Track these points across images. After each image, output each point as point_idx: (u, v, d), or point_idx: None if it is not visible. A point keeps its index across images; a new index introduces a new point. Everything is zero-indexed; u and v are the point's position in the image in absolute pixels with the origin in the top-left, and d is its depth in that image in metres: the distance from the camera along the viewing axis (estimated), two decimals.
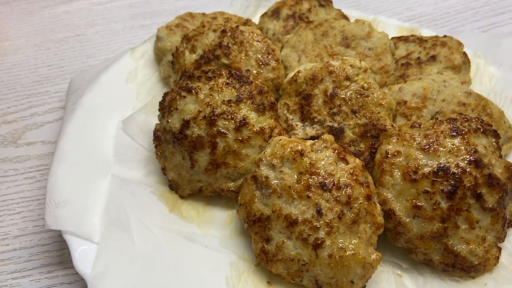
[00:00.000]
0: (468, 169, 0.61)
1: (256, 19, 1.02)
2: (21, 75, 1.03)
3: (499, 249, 0.64)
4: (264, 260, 0.64)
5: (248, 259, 0.67)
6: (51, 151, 0.87)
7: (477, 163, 0.61)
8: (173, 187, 0.75)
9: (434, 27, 1.14)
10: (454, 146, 0.62)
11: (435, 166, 0.62)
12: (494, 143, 0.64)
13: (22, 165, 0.84)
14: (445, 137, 0.63)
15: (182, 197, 0.75)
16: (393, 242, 0.64)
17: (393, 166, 0.64)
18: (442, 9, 1.19)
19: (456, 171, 0.61)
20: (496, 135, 0.65)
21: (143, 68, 0.92)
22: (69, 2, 1.26)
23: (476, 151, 0.61)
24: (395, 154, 0.65)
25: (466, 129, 0.63)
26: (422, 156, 0.63)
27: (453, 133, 0.63)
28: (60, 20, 1.20)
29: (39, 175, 0.83)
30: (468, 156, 0.61)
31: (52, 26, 1.18)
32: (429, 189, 0.62)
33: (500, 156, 0.65)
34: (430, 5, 1.21)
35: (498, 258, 0.63)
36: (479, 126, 0.65)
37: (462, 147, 0.62)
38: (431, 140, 0.63)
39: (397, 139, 0.65)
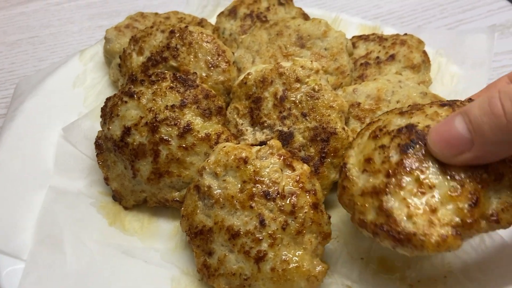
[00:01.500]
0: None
1: (214, 19, 0.98)
2: None
3: (458, 235, 0.48)
4: (206, 274, 0.60)
5: (191, 274, 0.63)
6: None
7: None
8: (117, 197, 0.71)
9: (401, 24, 1.11)
10: (436, 113, 0.54)
11: (403, 124, 0.54)
12: None
13: None
14: (431, 106, 0.56)
15: (126, 208, 0.71)
16: (339, 199, 0.58)
17: (368, 129, 0.58)
18: (409, 6, 1.17)
19: (421, 130, 0.52)
20: None
21: (93, 71, 0.88)
22: (26, 3, 1.21)
23: None
24: (376, 120, 0.59)
25: (459, 105, 0.55)
26: (396, 118, 0.56)
27: (443, 104, 0.55)
28: (15, 22, 1.15)
29: None
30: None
31: (5, 28, 1.13)
32: (386, 144, 0.54)
33: None
34: (398, 2, 1.18)
35: (445, 240, 0.48)
36: None
37: (443, 114, 0.54)
38: (414, 107, 0.58)
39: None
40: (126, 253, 0.63)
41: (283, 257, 0.57)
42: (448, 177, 0.49)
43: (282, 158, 0.61)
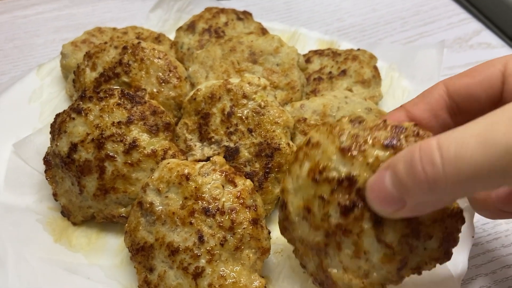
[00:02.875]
0: None
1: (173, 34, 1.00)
2: None
3: None
4: None
5: None
6: None
7: None
8: (65, 213, 0.71)
9: (362, 37, 1.13)
10: (376, 160, 0.48)
11: (343, 173, 0.50)
12: None
13: None
14: (373, 145, 0.49)
15: (74, 224, 0.71)
16: (281, 233, 0.59)
17: (306, 157, 0.54)
18: (371, 19, 1.19)
19: (362, 188, 0.49)
20: None
21: (50, 85, 0.88)
22: None
23: None
24: (314, 144, 0.53)
25: (406, 145, 0.49)
26: (336, 157, 0.51)
27: (386, 144, 0.49)
28: None
29: None
30: None
31: None
32: (326, 197, 0.51)
33: None
34: (360, 16, 1.20)
35: None
36: None
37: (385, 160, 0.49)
38: (356, 143, 0.50)
39: (326, 129, 0.54)
40: (69, 270, 0.64)
41: (221, 273, 0.58)
42: (383, 244, 0.50)
43: (224, 174, 0.62)
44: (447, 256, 0.52)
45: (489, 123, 0.39)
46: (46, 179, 0.71)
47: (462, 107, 0.54)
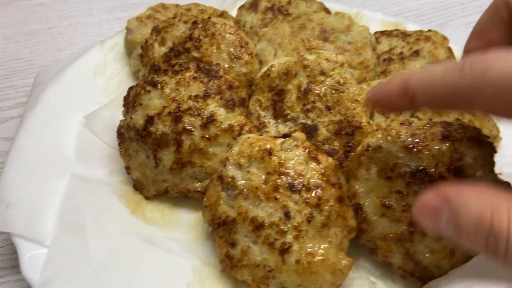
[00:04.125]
0: (446, 176, 0.56)
1: (234, 12, 0.98)
2: None
3: None
4: (228, 265, 0.59)
5: (213, 265, 0.62)
6: None
7: (457, 172, 0.57)
8: (138, 187, 0.71)
9: (421, 22, 1.10)
10: (439, 151, 0.57)
11: (414, 167, 0.57)
12: (488, 157, 0.59)
13: None
14: (432, 139, 0.58)
15: (147, 198, 0.71)
16: (356, 238, 0.60)
17: (371, 161, 0.60)
18: (430, 4, 1.16)
19: (434, 175, 0.57)
20: (492, 148, 0.59)
21: (113, 61, 0.88)
22: None
23: (461, 159, 0.57)
24: (376, 148, 0.60)
25: (459, 136, 0.58)
26: (403, 155, 0.58)
27: (443, 137, 0.58)
28: (33, 12, 1.15)
29: None
30: (450, 163, 0.57)
31: (24, 18, 1.13)
32: (403, 190, 0.57)
33: (491, 171, 0.58)
34: (418, 0, 1.17)
35: None
36: (474, 136, 0.59)
37: (447, 154, 0.57)
38: (416, 140, 0.58)
39: (382, 133, 0.61)
40: (148, 242, 0.63)
41: (308, 249, 0.56)
42: None
43: (307, 150, 0.61)
44: None
45: None
46: (120, 152, 0.70)
47: None
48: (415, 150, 0.58)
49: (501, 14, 0.47)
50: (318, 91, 0.69)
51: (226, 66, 0.75)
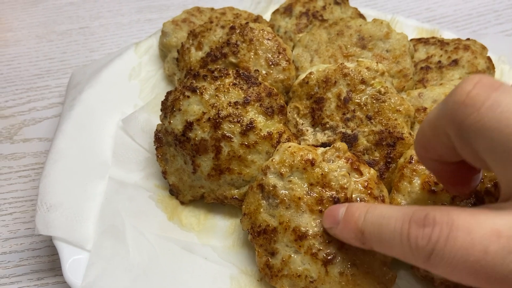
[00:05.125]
0: (492, 191, 0.55)
1: (267, 16, 0.97)
2: (21, 68, 0.99)
3: None
4: (268, 275, 0.59)
5: (250, 273, 0.62)
6: (48, 149, 0.82)
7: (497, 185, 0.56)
8: (174, 192, 0.71)
9: (455, 29, 1.08)
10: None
11: None
12: None
13: (17, 163, 0.80)
14: None
15: (182, 203, 0.71)
16: None
17: (415, 173, 0.59)
18: (463, 11, 1.13)
19: (479, 190, 0.56)
20: None
21: (147, 64, 0.88)
22: None
23: None
24: (419, 161, 0.59)
25: None
26: None
27: None
28: (64, 11, 1.16)
29: (34, 174, 0.79)
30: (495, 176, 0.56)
31: (55, 18, 1.14)
32: (447, 204, 0.56)
33: None
34: (451, 6, 1.15)
35: None
36: None
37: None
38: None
39: None
40: (185, 248, 0.63)
41: (353, 261, 0.56)
42: None
43: (349, 161, 0.60)
44: None
45: None
46: (157, 156, 0.70)
47: None
48: None
49: (442, 138, 0.44)
50: (358, 100, 0.68)
51: (264, 72, 0.74)
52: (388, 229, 0.44)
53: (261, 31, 0.76)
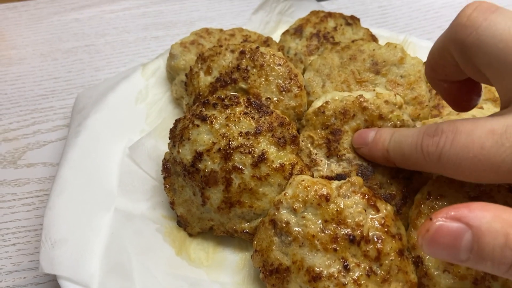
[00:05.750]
0: None
1: (276, 36, 0.96)
2: (25, 88, 0.98)
3: None
4: None
5: None
6: (52, 175, 0.80)
7: None
8: (182, 223, 0.69)
9: None
10: (506, 204, 0.53)
11: None
12: None
13: (21, 189, 0.78)
14: (499, 191, 0.55)
15: (190, 235, 0.68)
16: None
17: (432, 210, 0.57)
18: None
19: None
20: None
21: (154, 86, 0.86)
22: (80, 9, 1.20)
23: None
24: (438, 197, 0.57)
25: None
26: None
27: (510, 189, 0.55)
28: (69, 28, 1.14)
29: (38, 201, 0.77)
30: None
31: (60, 35, 1.12)
32: None
33: None
34: None
35: None
36: None
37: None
38: (482, 190, 0.55)
39: (444, 181, 0.58)
40: (195, 285, 0.61)
41: None
42: None
43: (365, 197, 0.58)
44: None
45: None
46: (165, 186, 0.68)
47: None
48: (482, 201, 0.55)
49: (447, 58, 0.53)
50: None
51: (275, 99, 0.72)
52: (406, 144, 0.53)
53: (272, 56, 0.74)
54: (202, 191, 0.65)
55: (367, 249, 0.55)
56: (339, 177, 0.65)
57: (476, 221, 0.39)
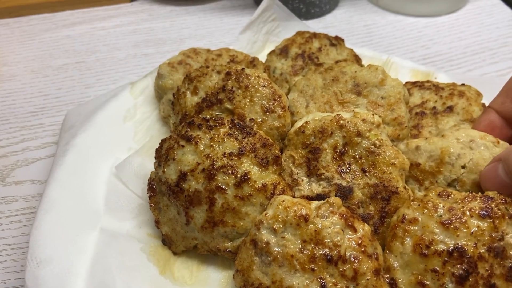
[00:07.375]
0: (486, 257, 0.55)
1: (263, 55, 0.98)
2: (15, 105, 0.99)
3: None
4: None
5: None
6: (40, 192, 0.82)
7: (497, 252, 0.55)
8: (167, 242, 0.70)
9: (450, 68, 1.09)
10: (479, 229, 0.55)
11: (451, 245, 0.56)
12: None
13: (9, 207, 0.79)
14: (471, 216, 0.56)
15: (175, 253, 0.70)
16: None
17: (407, 234, 0.59)
18: (458, 49, 1.14)
19: (472, 256, 0.55)
20: None
21: (142, 105, 0.88)
22: (71, 26, 1.22)
23: (501, 239, 0.55)
24: (412, 221, 0.59)
25: (500, 213, 0.56)
26: (439, 231, 0.57)
27: (482, 214, 0.56)
28: (61, 45, 1.16)
29: (25, 219, 0.78)
30: (490, 243, 0.55)
31: (51, 51, 1.14)
32: (439, 269, 0.56)
33: None
34: (446, 44, 1.16)
35: None
36: None
37: (487, 232, 0.55)
38: (454, 216, 0.57)
39: (418, 205, 0.60)
40: None
41: None
42: None
43: (343, 217, 0.59)
44: None
45: None
46: (150, 205, 0.69)
47: None
48: (452, 226, 0.56)
49: None
50: (353, 153, 0.67)
51: (259, 119, 0.74)
52: None
53: (257, 78, 0.76)
54: (186, 210, 0.66)
55: (344, 268, 0.56)
56: (319, 197, 0.67)
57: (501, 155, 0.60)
